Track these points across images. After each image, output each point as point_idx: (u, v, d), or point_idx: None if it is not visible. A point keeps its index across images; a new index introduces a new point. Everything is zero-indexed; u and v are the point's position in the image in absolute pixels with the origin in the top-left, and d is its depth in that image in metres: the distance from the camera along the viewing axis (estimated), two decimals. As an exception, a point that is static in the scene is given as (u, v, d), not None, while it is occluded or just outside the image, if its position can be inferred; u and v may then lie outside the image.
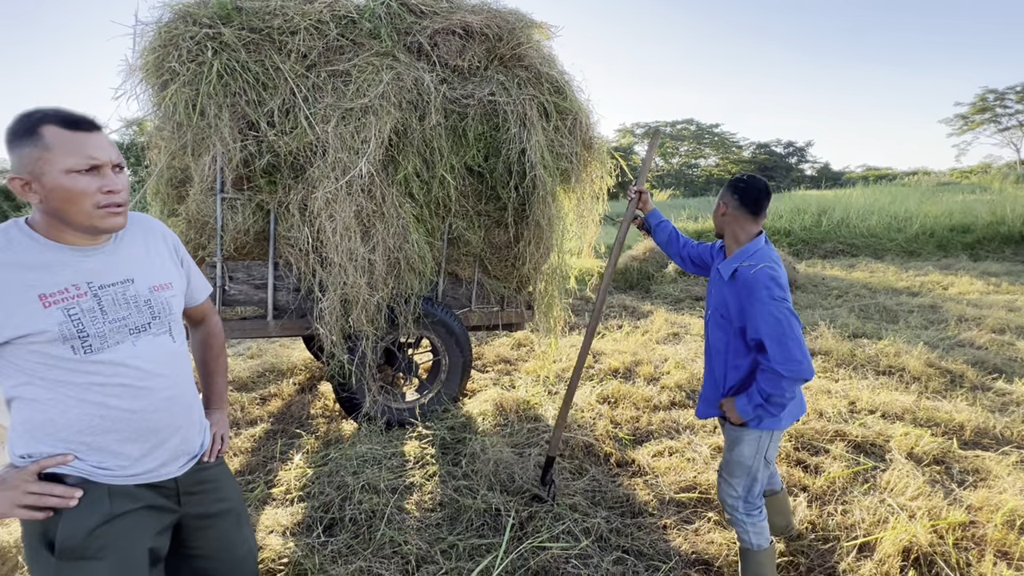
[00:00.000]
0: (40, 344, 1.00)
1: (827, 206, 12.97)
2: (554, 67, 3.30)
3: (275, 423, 3.34)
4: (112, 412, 1.07)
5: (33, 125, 0.99)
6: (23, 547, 1.08)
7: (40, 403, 1.03)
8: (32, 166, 0.99)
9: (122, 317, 1.09)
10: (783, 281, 1.61)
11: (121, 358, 1.08)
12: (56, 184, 0.99)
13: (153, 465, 1.13)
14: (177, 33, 2.60)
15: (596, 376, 4.01)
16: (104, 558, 1.04)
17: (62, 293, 1.03)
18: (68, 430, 1.04)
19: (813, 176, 35.87)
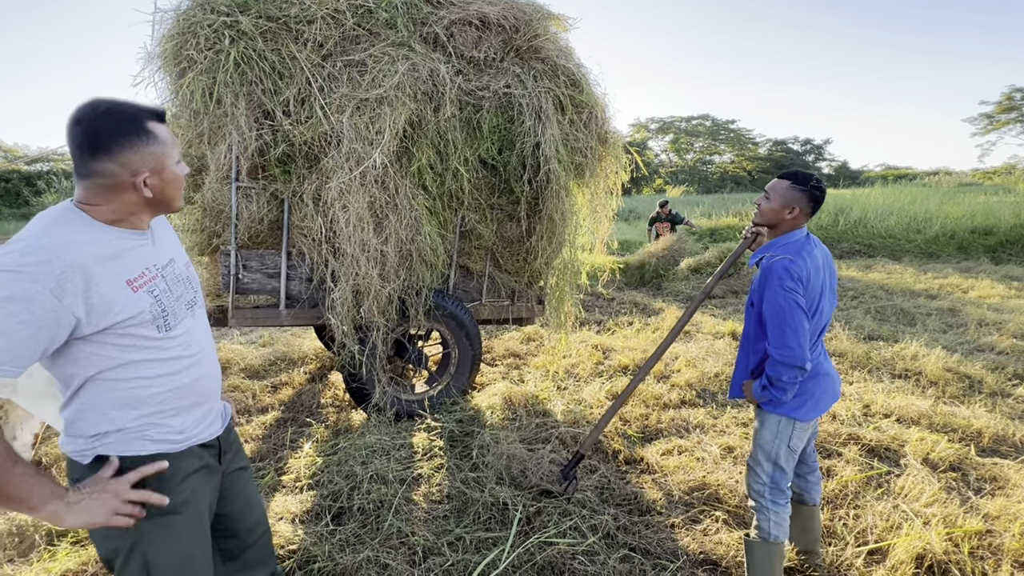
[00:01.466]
0: (132, 327, 1.04)
1: (844, 205, 12.74)
2: (571, 60, 3.26)
3: (286, 411, 3.37)
4: (184, 381, 1.13)
5: (142, 123, 1.02)
6: None
7: (125, 382, 1.05)
8: (155, 162, 1.04)
9: (180, 294, 1.16)
10: (797, 273, 1.64)
11: (188, 331, 1.15)
12: (173, 175, 1.08)
13: (208, 423, 1.22)
14: (195, 21, 2.60)
15: (605, 373, 3.99)
16: (184, 512, 1.12)
17: (143, 276, 1.07)
18: (150, 404, 1.09)
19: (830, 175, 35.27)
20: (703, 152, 38.81)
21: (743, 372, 1.88)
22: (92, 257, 0.99)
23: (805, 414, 1.74)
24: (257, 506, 1.39)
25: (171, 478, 1.10)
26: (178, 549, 1.11)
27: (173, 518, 1.10)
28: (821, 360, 1.78)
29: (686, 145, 38.62)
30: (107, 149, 0.99)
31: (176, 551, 1.10)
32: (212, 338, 1.28)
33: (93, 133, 0.99)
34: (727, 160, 38.22)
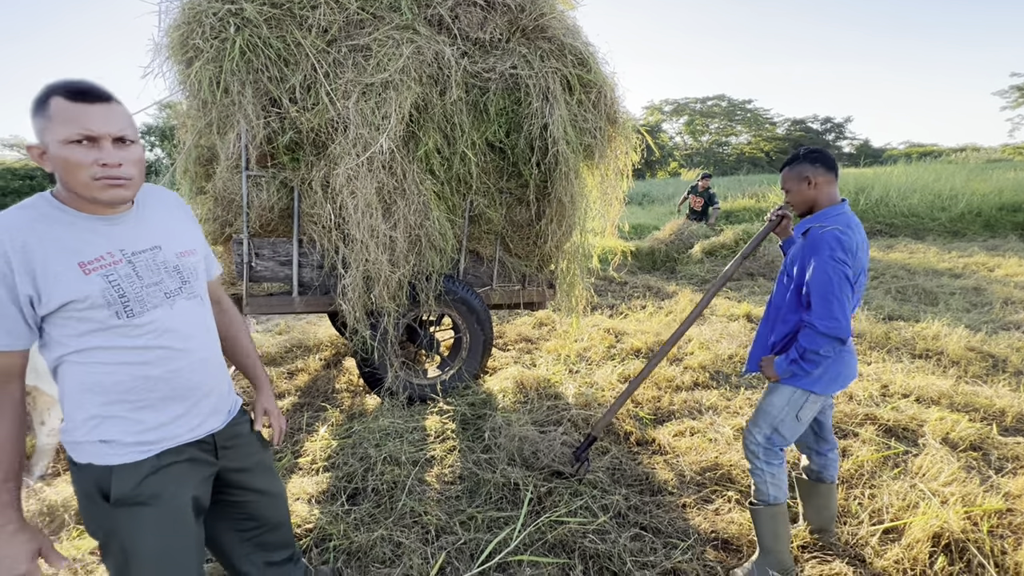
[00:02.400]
0: (84, 310, 1.04)
1: (865, 184, 12.41)
2: (578, 38, 3.20)
3: (302, 396, 3.44)
4: (154, 371, 1.12)
5: (45, 96, 1.00)
6: (77, 498, 1.16)
7: (87, 367, 1.07)
8: (41, 136, 1.01)
9: (156, 282, 1.13)
10: (849, 245, 1.61)
11: (159, 321, 1.12)
12: (55, 154, 1.00)
13: (196, 422, 1.21)
14: (200, 9, 2.60)
15: (618, 356, 3.98)
16: (154, 504, 1.12)
17: (100, 260, 1.06)
18: (115, 391, 1.09)
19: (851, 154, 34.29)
20: (719, 134, 38.01)
21: (762, 347, 1.87)
22: (39, 236, 1.01)
23: (823, 388, 1.73)
24: (276, 495, 1.41)
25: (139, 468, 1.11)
26: (151, 539, 1.12)
27: (142, 509, 1.11)
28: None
29: (701, 127, 37.85)
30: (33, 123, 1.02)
31: (150, 541, 1.12)
32: (209, 331, 1.24)
33: None
34: (744, 141, 37.38)
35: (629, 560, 1.84)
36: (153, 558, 1.13)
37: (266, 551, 1.43)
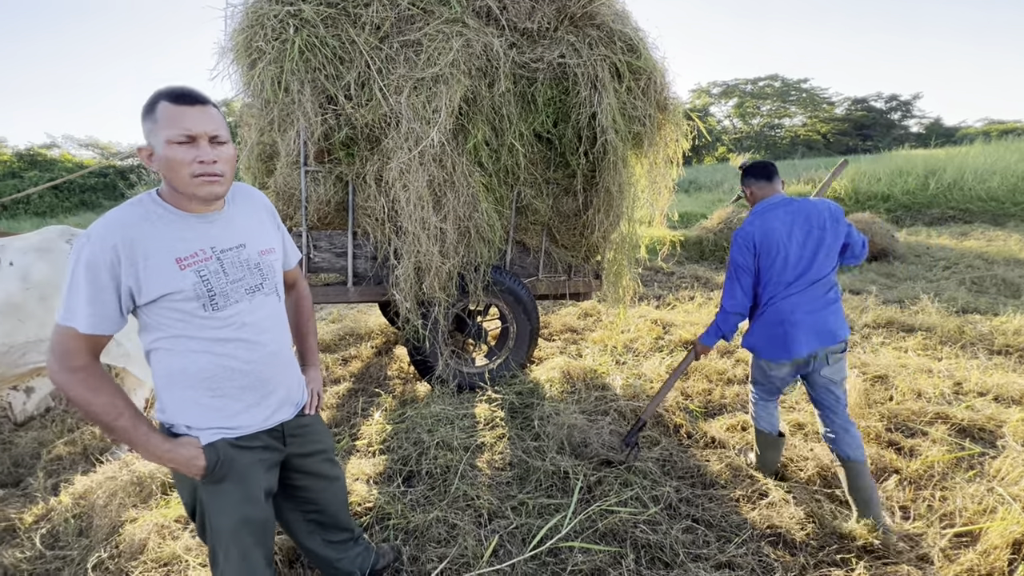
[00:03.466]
0: (178, 302, 1.14)
1: (936, 166, 11.52)
2: (627, 24, 3.13)
3: (356, 382, 3.59)
4: (232, 362, 1.22)
5: (153, 102, 1.10)
6: (172, 474, 1.32)
7: (176, 353, 1.18)
8: (149, 137, 1.11)
9: (239, 278, 1.22)
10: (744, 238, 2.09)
11: (240, 315, 1.22)
12: (161, 154, 1.10)
13: (267, 413, 1.30)
14: (262, 12, 2.73)
15: (666, 348, 3.92)
16: (231, 483, 1.24)
17: (194, 256, 1.16)
18: (198, 376, 1.20)
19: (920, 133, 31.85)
20: (771, 116, 36.18)
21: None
22: (144, 233, 1.11)
23: (766, 354, 2.13)
24: (334, 481, 1.50)
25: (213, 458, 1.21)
26: (229, 513, 1.24)
27: (221, 487, 1.23)
28: (781, 307, 2.04)
29: (752, 109, 36.12)
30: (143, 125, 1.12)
31: (227, 515, 1.24)
32: (282, 326, 1.33)
33: None
34: (798, 123, 35.43)
35: (682, 552, 1.83)
36: (230, 531, 1.25)
37: (325, 531, 1.54)
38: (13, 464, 2.74)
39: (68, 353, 1.09)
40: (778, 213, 2.07)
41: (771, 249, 2.04)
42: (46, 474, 2.56)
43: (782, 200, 2.11)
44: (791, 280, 2.04)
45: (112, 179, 19.68)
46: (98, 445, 2.85)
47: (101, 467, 2.48)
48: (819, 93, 34.68)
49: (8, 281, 2.22)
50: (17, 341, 2.26)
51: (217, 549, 1.26)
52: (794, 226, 2.04)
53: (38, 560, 1.93)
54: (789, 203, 2.10)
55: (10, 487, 2.53)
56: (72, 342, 1.09)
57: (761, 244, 2.05)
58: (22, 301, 2.23)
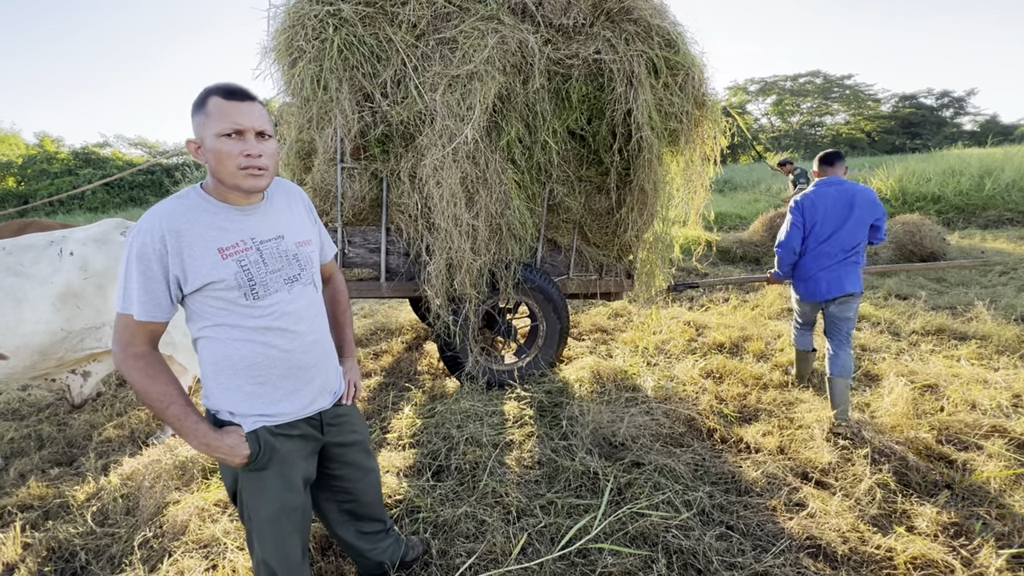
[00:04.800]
0: (220, 291, 1.19)
1: (992, 166, 10.87)
2: (665, 18, 3.07)
3: (387, 376, 3.64)
4: (272, 351, 1.25)
5: (204, 96, 1.15)
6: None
7: (220, 341, 1.23)
8: (198, 131, 1.16)
9: (279, 268, 1.26)
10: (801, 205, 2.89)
11: (279, 304, 1.25)
12: (210, 146, 1.14)
13: (306, 401, 1.33)
14: (303, 13, 2.79)
15: (699, 350, 3.82)
16: (271, 469, 1.28)
17: (235, 247, 1.20)
18: (240, 364, 1.24)
19: (974, 131, 30.13)
20: (812, 114, 34.86)
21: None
22: (190, 223, 1.16)
23: (800, 292, 2.99)
24: (370, 472, 1.53)
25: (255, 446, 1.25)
26: (269, 499, 1.28)
27: (262, 474, 1.27)
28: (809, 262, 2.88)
29: (791, 107, 34.88)
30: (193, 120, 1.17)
31: (267, 500, 1.28)
32: (320, 316, 1.37)
33: None
34: (840, 121, 34.02)
35: (715, 559, 1.78)
36: (269, 517, 1.28)
37: (358, 522, 1.56)
38: (67, 444, 2.90)
39: (129, 339, 1.16)
40: (829, 190, 2.81)
41: (815, 214, 2.82)
42: (97, 455, 2.70)
43: (836, 180, 2.84)
44: (823, 239, 2.81)
45: (159, 176, 20.58)
46: (144, 429, 2.99)
47: (147, 450, 2.60)
48: (864, 90, 33.18)
49: (68, 271, 2.34)
50: (76, 327, 2.38)
51: (255, 534, 1.30)
52: (838, 200, 2.78)
53: (89, 536, 2.03)
54: (841, 183, 2.81)
55: (65, 466, 2.68)
56: (131, 328, 1.15)
57: (808, 209, 2.84)
58: (81, 289, 2.35)
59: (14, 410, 3.38)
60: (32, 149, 22.43)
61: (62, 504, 2.28)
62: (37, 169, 20.34)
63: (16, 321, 2.27)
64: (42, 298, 2.31)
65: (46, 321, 2.32)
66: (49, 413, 3.30)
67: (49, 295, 2.31)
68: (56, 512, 2.24)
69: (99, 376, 2.70)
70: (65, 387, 2.65)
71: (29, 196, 19.45)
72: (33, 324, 2.30)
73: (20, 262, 2.34)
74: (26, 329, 2.29)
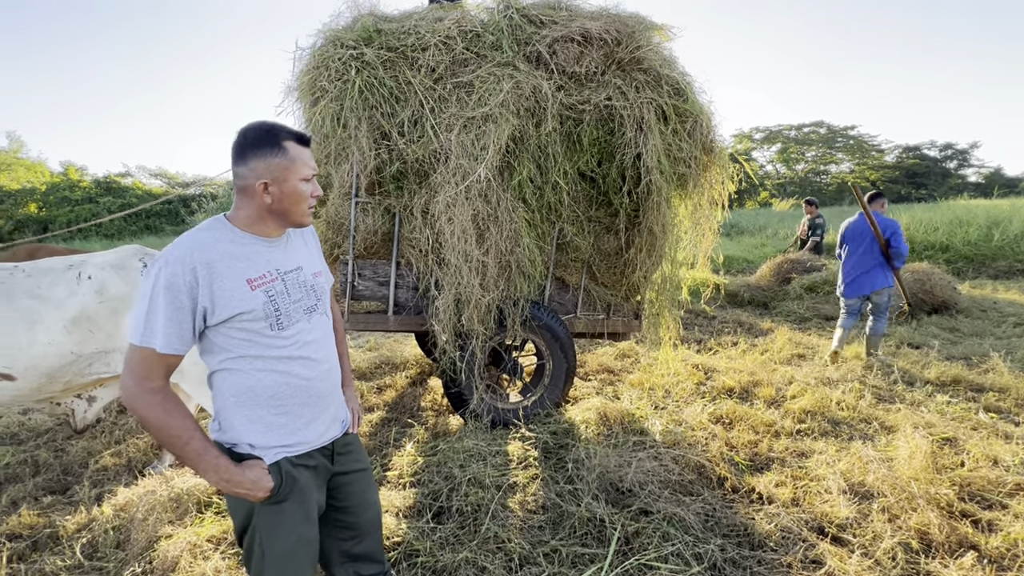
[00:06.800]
0: (247, 321, 1.19)
1: (1000, 217, 10.92)
2: (674, 69, 3.18)
3: (389, 411, 3.59)
4: (294, 380, 1.26)
5: (278, 139, 1.20)
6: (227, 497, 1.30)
7: (243, 373, 1.22)
8: (277, 172, 1.20)
9: (299, 298, 1.28)
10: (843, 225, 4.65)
11: (301, 333, 1.27)
12: (293, 189, 1.22)
13: (321, 430, 1.33)
14: (328, 56, 2.92)
15: (708, 394, 3.75)
16: (291, 502, 1.26)
17: (263, 278, 1.22)
18: (263, 395, 1.23)
19: (980, 183, 30.44)
20: (816, 162, 35.46)
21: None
22: (220, 255, 1.17)
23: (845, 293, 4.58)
24: (372, 505, 1.48)
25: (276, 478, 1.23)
26: (287, 533, 1.24)
27: (281, 506, 1.24)
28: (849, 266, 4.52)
29: (796, 155, 35.54)
30: (243, 155, 1.20)
31: (285, 534, 1.24)
32: (333, 343, 1.39)
33: (239, 143, 1.21)
34: (845, 170, 34.52)
35: (728, 619, 1.69)
36: (286, 550, 1.25)
37: (358, 563, 1.49)
38: (63, 471, 2.85)
39: (146, 373, 1.13)
40: (862, 218, 4.45)
41: (852, 232, 4.52)
42: (91, 483, 2.64)
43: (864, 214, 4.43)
44: (853, 255, 4.48)
45: (175, 206, 21.11)
46: (141, 458, 2.93)
47: (142, 480, 2.54)
48: (868, 140, 33.84)
49: (85, 294, 2.37)
50: (86, 351, 2.38)
51: (268, 570, 1.25)
52: (865, 225, 4.42)
53: (76, 569, 1.96)
54: (876, 218, 4.36)
55: (58, 494, 2.62)
56: (150, 362, 1.13)
57: (847, 229, 4.58)
58: (95, 313, 2.37)
59: (12, 434, 3.35)
60: (56, 177, 23.18)
61: (52, 534, 2.22)
62: (59, 196, 20.95)
63: (28, 343, 2.28)
64: (56, 320, 2.33)
65: (58, 344, 2.32)
66: (48, 438, 3.26)
67: (63, 318, 2.33)
68: (45, 543, 2.18)
69: (104, 402, 2.68)
70: (69, 411, 2.62)
71: (49, 222, 19.95)
72: (45, 346, 2.31)
73: (38, 284, 2.37)
74: (37, 351, 2.29)
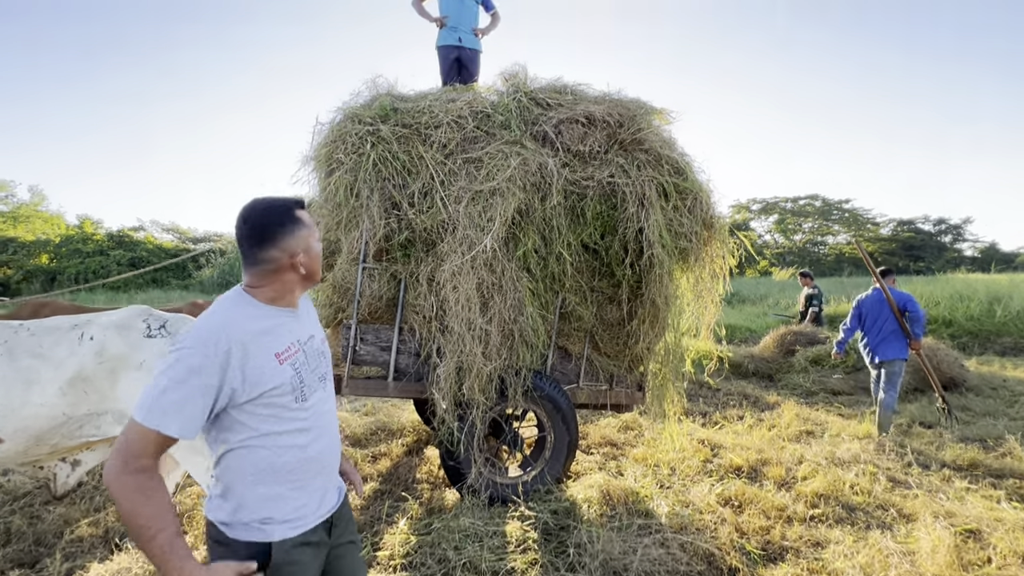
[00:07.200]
0: (274, 396, 1.16)
1: (1000, 293, 10.98)
2: (674, 149, 3.34)
3: (383, 483, 3.44)
4: (310, 451, 1.22)
5: (292, 213, 1.22)
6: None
7: (266, 450, 1.17)
8: (305, 243, 1.23)
9: (315, 367, 1.27)
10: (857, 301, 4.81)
11: (317, 403, 1.25)
12: (317, 251, 1.27)
13: (327, 498, 1.29)
14: (345, 131, 3.09)
15: (715, 472, 3.60)
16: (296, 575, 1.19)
17: (288, 350, 1.20)
18: (283, 470, 1.18)
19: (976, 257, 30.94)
20: (813, 233, 36.29)
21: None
22: (251, 334, 1.15)
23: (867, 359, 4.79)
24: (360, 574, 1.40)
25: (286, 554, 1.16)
26: None
27: None
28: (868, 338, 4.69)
29: (793, 226, 36.44)
30: (272, 239, 1.19)
31: None
32: (335, 411, 1.37)
33: (260, 228, 1.19)
34: (842, 241, 35.24)
35: None
36: None
37: None
38: (35, 542, 2.69)
39: (141, 451, 1.04)
40: (878, 292, 4.63)
41: (867, 306, 4.69)
42: (63, 557, 2.49)
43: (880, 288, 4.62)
44: (871, 326, 4.64)
45: (184, 261, 21.46)
46: (120, 528, 2.78)
47: (118, 556, 2.40)
48: (863, 213, 34.83)
49: (85, 354, 2.34)
50: (78, 413, 2.32)
51: None
52: (881, 299, 4.60)
53: (33, 660, 1.80)
54: (889, 290, 4.58)
55: (27, 567, 2.47)
56: (149, 441, 1.05)
57: (863, 303, 4.74)
58: (92, 374, 2.33)
59: (-11, 497, 3.20)
60: (72, 230, 23.79)
61: (13, 616, 2.06)
62: (71, 248, 21.39)
63: (21, 404, 2.23)
64: (53, 381, 2.29)
65: (51, 405, 2.27)
66: (24, 503, 3.11)
67: (60, 378, 2.30)
68: (4, 625, 2.02)
69: (88, 466, 2.58)
70: (51, 476, 2.52)
71: (57, 273, 20.23)
72: (37, 407, 2.25)
73: (41, 343, 2.35)
74: (29, 412, 2.24)
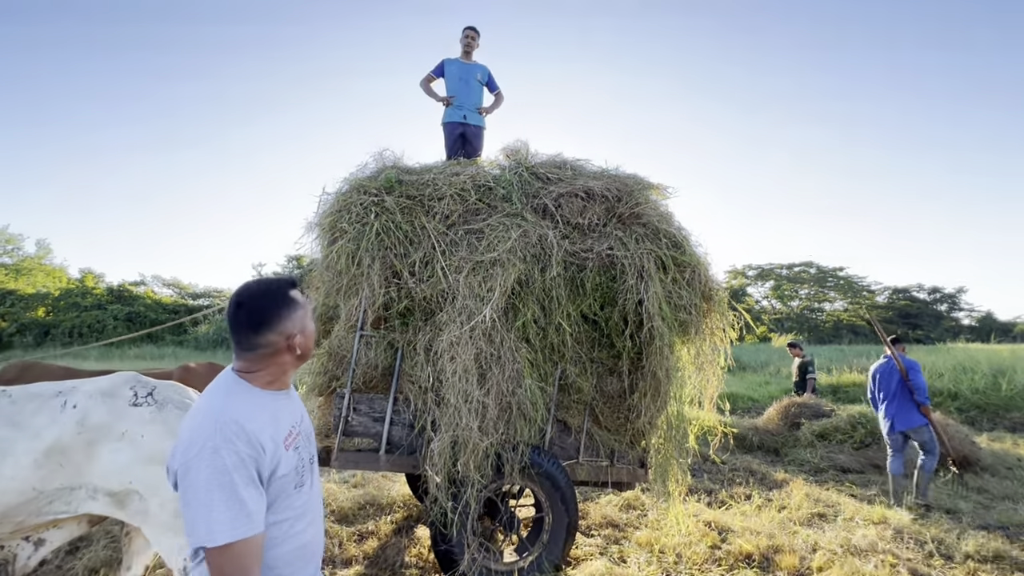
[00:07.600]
0: (280, 483, 1.10)
1: (1002, 365, 10.88)
2: (671, 223, 3.41)
3: (369, 566, 3.20)
4: (303, 538, 1.15)
5: (288, 293, 1.19)
6: None
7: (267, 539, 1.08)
8: (301, 323, 1.19)
9: (309, 449, 1.23)
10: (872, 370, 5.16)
11: (310, 487, 1.20)
12: (311, 330, 1.22)
13: None
14: (351, 201, 3.16)
15: (724, 561, 3.37)
16: None
17: (290, 435, 1.16)
18: (279, 562, 1.10)
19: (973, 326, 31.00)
20: (810, 300, 36.55)
21: None
22: (260, 423, 1.09)
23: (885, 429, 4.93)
24: None
25: None
26: None
27: None
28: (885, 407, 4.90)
29: (790, 292, 36.76)
30: (269, 323, 1.14)
31: None
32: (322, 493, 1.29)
33: (257, 313, 1.15)
34: (839, 308, 35.42)
35: None
36: None
37: None
38: (-18, 633, 2.45)
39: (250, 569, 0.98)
40: (890, 361, 4.91)
41: (881, 376, 4.95)
42: (11, 652, 2.25)
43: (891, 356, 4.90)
44: (885, 394, 4.86)
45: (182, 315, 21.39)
46: (77, 618, 2.55)
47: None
48: (858, 281, 35.24)
49: (65, 423, 2.23)
50: (49, 487, 2.18)
51: None
52: (892, 367, 4.87)
53: None
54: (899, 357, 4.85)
55: (-32, 665, 2.23)
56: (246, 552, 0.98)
57: (876, 371, 5.04)
58: (70, 445, 2.21)
59: (-59, 577, 2.96)
60: (72, 283, 23.90)
61: None
62: (70, 302, 21.38)
63: (-12, 478, 2.11)
64: (27, 453, 2.17)
65: (21, 479, 2.14)
66: (-22, 585, 2.87)
67: (36, 449, 2.18)
68: None
69: (53, 546, 2.39)
70: (11, 556, 2.33)
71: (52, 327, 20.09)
72: (7, 481, 2.12)
73: (20, 411, 2.26)
74: (-5, 487, 2.11)
